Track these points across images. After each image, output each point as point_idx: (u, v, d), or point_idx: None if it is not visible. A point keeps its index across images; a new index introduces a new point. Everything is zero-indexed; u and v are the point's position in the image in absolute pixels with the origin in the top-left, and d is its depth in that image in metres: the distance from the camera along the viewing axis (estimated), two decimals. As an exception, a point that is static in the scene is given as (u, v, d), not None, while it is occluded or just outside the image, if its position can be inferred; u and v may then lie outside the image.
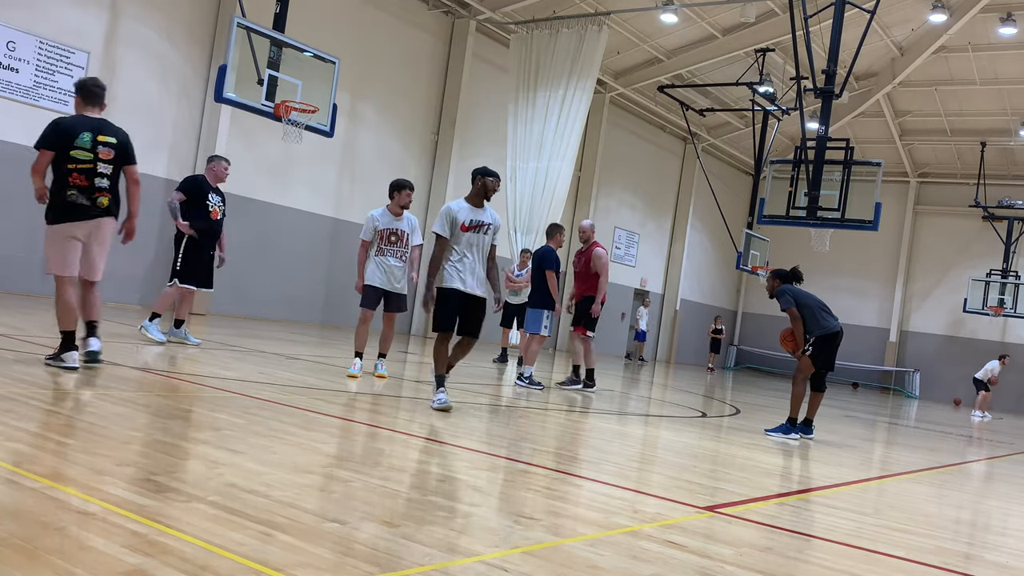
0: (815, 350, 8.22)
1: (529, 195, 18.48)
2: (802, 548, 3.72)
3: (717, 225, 28.40)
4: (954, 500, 6.32)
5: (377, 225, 8.25)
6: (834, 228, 16.40)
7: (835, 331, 8.30)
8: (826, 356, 8.32)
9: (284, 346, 11.02)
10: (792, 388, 8.36)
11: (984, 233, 28.40)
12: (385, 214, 8.33)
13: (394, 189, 8.42)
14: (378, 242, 8.25)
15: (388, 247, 8.25)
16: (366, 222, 8.36)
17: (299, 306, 17.47)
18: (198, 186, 8.96)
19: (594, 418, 7.90)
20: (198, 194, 8.89)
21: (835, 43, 14.46)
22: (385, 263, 8.21)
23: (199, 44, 15.29)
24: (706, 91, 25.13)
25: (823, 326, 8.23)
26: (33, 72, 13.13)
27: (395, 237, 8.26)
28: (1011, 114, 25.43)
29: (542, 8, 19.63)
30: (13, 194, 12.68)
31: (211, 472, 3.54)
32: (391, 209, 8.35)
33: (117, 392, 5.33)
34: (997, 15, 20.85)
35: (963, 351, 28.71)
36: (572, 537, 3.33)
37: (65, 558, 2.32)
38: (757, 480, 5.62)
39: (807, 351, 8.23)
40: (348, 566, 2.58)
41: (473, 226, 6.59)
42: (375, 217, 8.32)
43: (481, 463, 4.78)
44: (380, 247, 8.24)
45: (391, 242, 8.25)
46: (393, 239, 8.26)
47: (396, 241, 8.26)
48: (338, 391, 7.09)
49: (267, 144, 15.85)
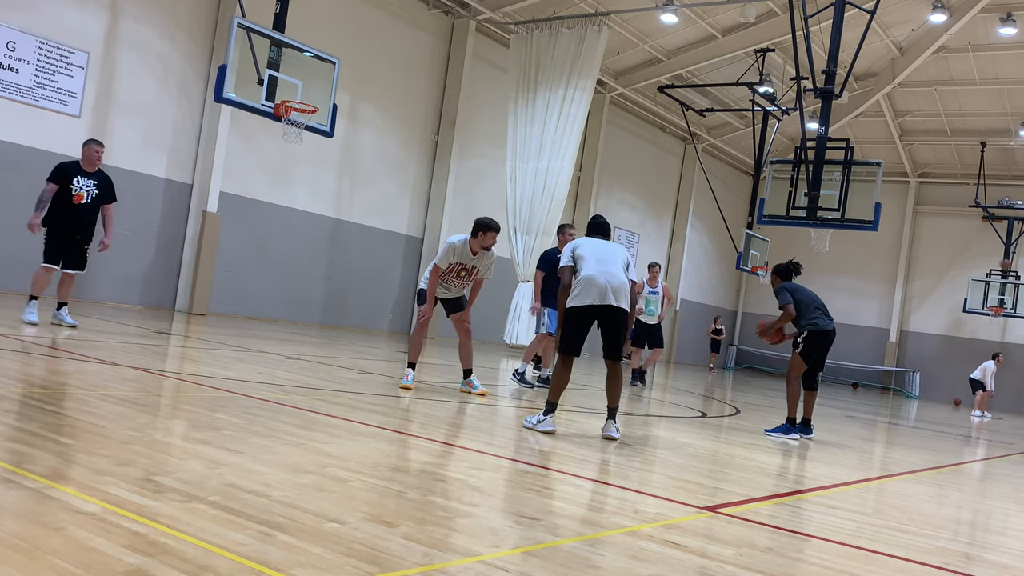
0: (806, 347, 8.26)
1: (529, 195, 18.47)
2: (802, 548, 3.71)
3: (717, 225, 28.41)
4: (954, 500, 6.32)
5: (453, 259, 7.83)
6: (834, 228, 16.39)
7: (827, 330, 8.34)
8: (817, 354, 8.35)
9: (284, 346, 11.02)
10: (787, 387, 8.40)
11: (984, 233, 28.40)
12: (465, 249, 7.82)
13: (480, 228, 7.78)
14: (446, 272, 7.92)
15: (455, 279, 8.01)
16: (444, 248, 7.86)
17: (299, 306, 17.47)
18: (64, 172, 8.99)
19: (594, 418, 7.90)
20: (63, 180, 8.95)
21: (835, 43, 14.46)
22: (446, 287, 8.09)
23: (199, 44, 15.29)
24: (706, 91, 25.13)
25: (815, 323, 8.28)
26: (33, 72, 13.13)
27: (464, 273, 7.96)
28: (1011, 114, 25.42)
29: (542, 8, 19.63)
30: (13, 194, 12.69)
31: (211, 472, 3.54)
32: (471, 245, 7.81)
33: (117, 392, 5.33)
34: (997, 15, 20.85)
35: (963, 351, 28.68)
36: (572, 537, 3.33)
37: (65, 558, 2.32)
38: (757, 480, 5.62)
39: (799, 348, 8.28)
40: (348, 566, 2.58)
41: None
42: (455, 248, 7.80)
43: (481, 463, 4.78)
44: (445, 276, 7.95)
45: (458, 275, 7.97)
46: (463, 274, 7.97)
47: (465, 276, 8.00)
48: (338, 391, 7.09)
49: (267, 144, 15.85)
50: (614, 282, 6.26)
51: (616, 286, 6.26)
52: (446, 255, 7.82)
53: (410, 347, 8.16)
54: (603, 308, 6.24)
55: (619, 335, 6.34)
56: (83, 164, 9.12)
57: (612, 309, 6.24)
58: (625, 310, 6.32)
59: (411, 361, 8.04)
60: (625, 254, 6.55)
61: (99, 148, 9.22)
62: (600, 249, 6.46)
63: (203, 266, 15.31)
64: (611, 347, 6.39)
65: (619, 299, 6.26)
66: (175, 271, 15.30)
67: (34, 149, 13.07)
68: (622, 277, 6.33)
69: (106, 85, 14.08)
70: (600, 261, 6.34)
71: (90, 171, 9.14)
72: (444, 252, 7.84)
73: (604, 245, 6.53)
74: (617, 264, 6.38)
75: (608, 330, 6.34)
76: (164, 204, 15.05)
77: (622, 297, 6.28)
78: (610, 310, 6.25)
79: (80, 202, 9.00)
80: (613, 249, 6.52)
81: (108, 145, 14.13)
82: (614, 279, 6.27)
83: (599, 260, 6.35)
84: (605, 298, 6.22)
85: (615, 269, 6.34)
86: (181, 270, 15.33)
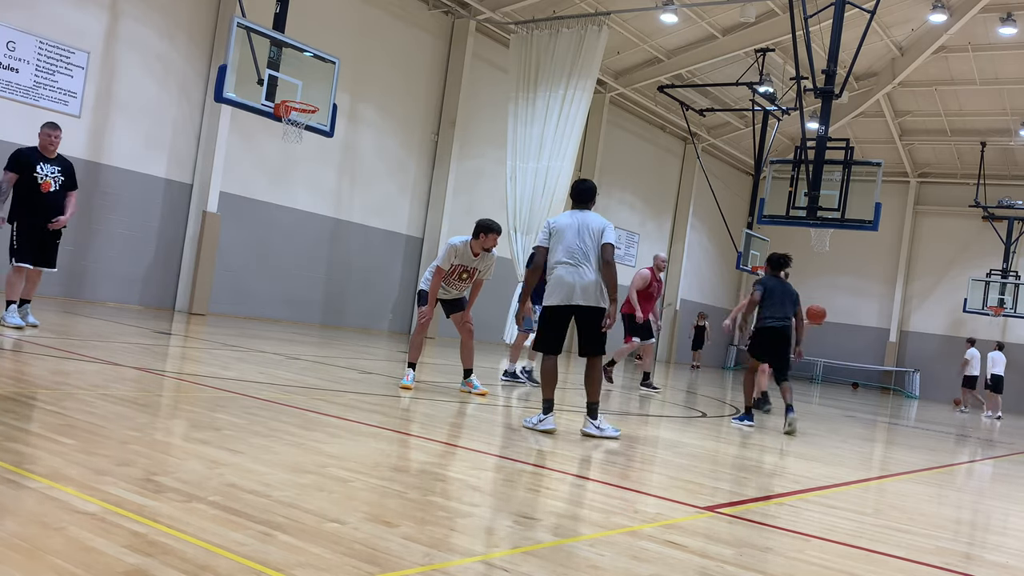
0: (752, 341, 8.93)
1: (529, 195, 18.46)
2: (802, 548, 3.71)
3: (717, 225, 28.40)
4: (954, 500, 6.32)
5: (454, 260, 7.85)
6: (834, 228, 16.39)
7: (768, 327, 8.77)
8: (762, 349, 8.85)
9: (284, 346, 11.02)
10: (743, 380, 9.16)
11: (984, 233, 28.40)
12: (467, 251, 7.85)
13: (481, 230, 7.81)
14: (447, 274, 7.93)
15: (458, 282, 8.02)
16: (446, 249, 7.87)
17: (299, 306, 17.47)
18: (25, 159, 8.39)
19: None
20: (26, 168, 8.36)
21: (835, 43, 14.46)
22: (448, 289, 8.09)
23: (199, 44, 15.29)
24: (706, 91, 25.13)
25: (763, 321, 8.79)
26: (33, 72, 13.13)
27: (466, 275, 7.98)
28: (1011, 114, 25.43)
29: (542, 8, 19.63)
30: (13, 194, 12.69)
31: (211, 472, 3.54)
32: (472, 247, 7.85)
33: (117, 392, 5.33)
34: (997, 15, 20.85)
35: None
36: (572, 537, 3.33)
37: (65, 558, 2.32)
38: (757, 480, 5.62)
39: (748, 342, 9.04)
40: (348, 566, 2.58)
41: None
42: (456, 249, 7.83)
43: (481, 463, 4.78)
44: (447, 278, 7.95)
45: (460, 278, 7.99)
46: (464, 276, 7.98)
47: (466, 279, 8.02)
48: (338, 391, 7.09)
49: (267, 144, 15.86)
50: (581, 280, 6.14)
51: (585, 284, 6.14)
52: (447, 256, 7.82)
53: (410, 347, 8.18)
54: (571, 307, 6.19)
55: (592, 332, 6.23)
56: (41, 150, 8.52)
57: (582, 308, 6.17)
58: (593, 307, 6.16)
59: (411, 361, 8.06)
60: (600, 224, 6.30)
61: (54, 132, 8.61)
62: (572, 231, 6.24)
63: (203, 266, 15.31)
64: (585, 344, 6.30)
65: (587, 297, 6.14)
66: (175, 271, 15.30)
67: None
68: (588, 273, 6.16)
69: (106, 85, 14.08)
70: (568, 251, 6.18)
71: (50, 157, 8.57)
72: (446, 253, 7.84)
73: (578, 222, 6.30)
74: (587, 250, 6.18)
75: (581, 327, 6.28)
76: (164, 204, 15.05)
77: (590, 294, 6.15)
78: (577, 308, 6.19)
79: (48, 190, 8.44)
80: (587, 224, 6.27)
81: (108, 145, 14.17)
82: (581, 276, 6.14)
83: (568, 250, 6.19)
84: (572, 298, 6.15)
85: (584, 261, 6.16)
86: (181, 270, 15.33)
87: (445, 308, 8.27)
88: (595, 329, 6.22)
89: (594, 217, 6.38)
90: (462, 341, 8.29)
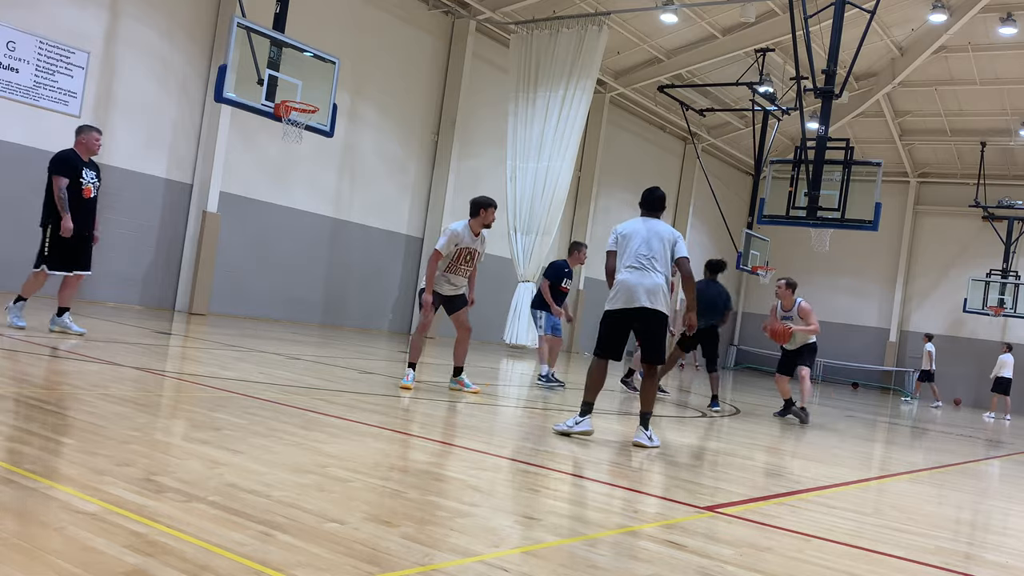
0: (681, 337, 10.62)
1: (529, 195, 18.48)
2: (802, 548, 3.71)
3: (717, 225, 28.39)
4: (954, 500, 6.32)
5: (459, 243, 7.81)
6: (834, 228, 16.40)
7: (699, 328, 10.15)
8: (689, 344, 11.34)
9: (284, 346, 11.02)
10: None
11: (984, 233, 28.39)
12: (467, 231, 7.86)
13: (481, 207, 7.86)
14: (453, 258, 7.87)
15: (463, 265, 7.96)
16: (447, 235, 7.82)
17: (299, 306, 17.47)
18: (73, 164, 8.09)
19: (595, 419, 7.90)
20: (72, 173, 8.07)
21: (835, 43, 14.46)
22: (452, 278, 8.00)
23: (199, 44, 15.29)
24: (706, 91, 25.12)
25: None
26: (33, 72, 13.12)
27: (470, 256, 7.95)
28: (1011, 114, 25.42)
29: (542, 8, 19.63)
30: (13, 194, 12.69)
31: (211, 472, 3.54)
32: (472, 226, 7.88)
33: (117, 392, 5.33)
34: (997, 15, 20.85)
35: (963, 351, 28.72)
36: (572, 537, 3.33)
37: (65, 558, 2.32)
38: (757, 480, 5.62)
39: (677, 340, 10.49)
40: (348, 566, 2.58)
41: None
42: (458, 233, 7.81)
43: (481, 463, 4.78)
44: (452, 264, 7.89)
45: (466, 261, 7.94)
46: (468, 258, 7.94)
47: (470, 261, 7.98)
48: (338, 391, 7.09)
49: (267, 144, 15.85)
50: (647, 282, 6.02)
51: (649, 287, 6.01)
52: (450, 241, 7.77)
53: (410, 348, 8.18)
54: (634, 311, 6.07)
55: (652, 338, 6.13)
56: (81, 153, 8.26)
57: (643, 311, 6.05)
58: (658, 312, 6.06)
59: (411, 362, 8.06)
60: (671, 233, 6.22)
61: (99, 135, 8.45)
62: (639, 237, 6.15)
63: (203, 266, 15.30)
64: (645, 350, 6.20)
65: (653, 300, 6.03)
66: (175, 271, 15.30)
67: (34, 149, 13.06)
68: (655, 277, 6.06)
69: (106, 85, 14.08)
70: (636, 256, 6.09)
71: (87, 161, 8.34)
72: (448, 239, 7.78)
73: (647, 229, 6.19)
74: (655, 255, 6.08)
75: (643, 332, 6.20)
76: (164, 204, 15.05)
77: (657, 298, 6.04)
78: (641, 312, 6.06)
79: (89, 196, 8.22)
80: (657, 232, 6.18)
81: (108, 145, 14.15)
82: (647, 279, 6.03)
83: (635, 255, 6.09)
84: (633, 300, 6.03)
85: (651, 265, 6.06)
86: (181, 270, 15.33)
87: (446, 307, 8.23)
88: (656, 336, 6.14)
89: (664, 226, 6.29)
90: (458, 338, 8.24)
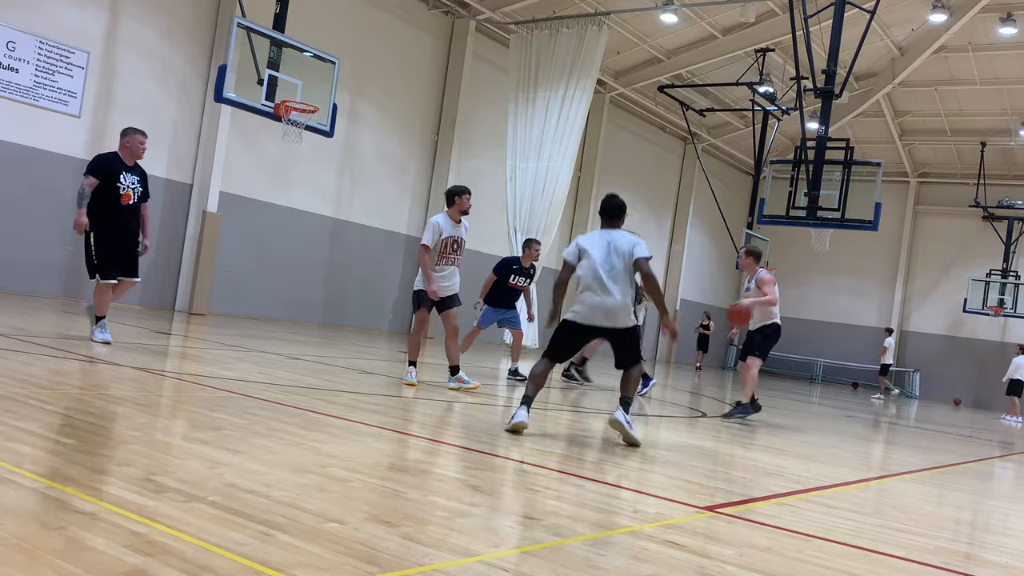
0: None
1: (529, 195, 18.48)
2: (802, 548, 3.71)
3: (717, 225, 28.40)
4: (954, 500, 6.32)
5: (442, 234, 7.87)
6: (834, 228, 16.41)
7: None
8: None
9: (284, 346, 11.02)
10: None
11: (984, 233, 28.40)
12: (447, 221, 7.93)
13: (455, 195, 7.99)
14: (440, 249, 7.90)
15: (452, 255, 7.99)
16: (430, 228, 7.88)
17: (299, 306, 17.47)
18: (109, 167, 7.86)
19: (594, 418, 7.90)
20: (109, 176, 7.83)
21: (835, 43, 14.46)
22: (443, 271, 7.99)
23: (199, 44, 15.29)
24: (706, 91, 25.13)
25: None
26: (33, 72, 13.13)
27: (456, 245, 7.98)
28: (1011, 114, 25.43)
29: (542, 8, 19.63)
30: (13, 194, 12.69)
31: (211, 472, 3.54)
32: (451, 215, 7.97)
33: (117, 392, 5.33)
34: (997, 15, 20.87)
35: (963, 351, 28.72)
36: (572, 537, 3.33)
37: (65, 558, 2.32)
38: (757, 480, 5.62)
39: None
40: (348, 566, 2.58)
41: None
42: (439, 225, 7.88)
43: (481, 463, 4.78)
44: (442, 254, 7.92)
45: (453, 250, 7.97)
46: (455, 247, 7.98)
47: (457, 249, 8.00)
48: (338, 391, 7.09)
49: (267, 144, 15.86)
50: (606, 305, 5.99)
51: (608, 309, 5.99)
52: (434, 233, 7.84)
53: (409, 347, 8.27)
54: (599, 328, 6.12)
55: (624, 348, 6.19)
56: (124, 157, 7.98)
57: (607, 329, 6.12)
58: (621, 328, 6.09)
59: (412, 359, 8.12)
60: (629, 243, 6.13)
61: (144, 138, 8.11)
62: (601, 254, 6.09)
63: (203, 266, 15.31)
64: (620, 359, 6.28)
65: (615, 321, 6.05)
66: (175, 271, 15.30)
67: (34, 149, 13.07)
68: (619, 297, 6.01)
69: (106, 85, 14.08)
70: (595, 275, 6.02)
71: (130, 165, 8.02)
72: (431, 231, 7.86)
73: (607, 244, 6.15)
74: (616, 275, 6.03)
75: (613, 345, 6.26)
76: (164, 204, 15.04)
77: (619, 317, 6.05)
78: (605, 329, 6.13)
79: (128, 203, 7.92)
80: (617, 247, 6.12)
81: (108, 145, 14.14)
82: (607, 302, 5.99)
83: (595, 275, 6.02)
84: (594, 320, 6.05)
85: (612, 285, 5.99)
86: (181, 270, 15.33)
87: (437, 305, 8.14)
88: (627, 345, 6.19)
89: (623, 237, 6.20)
90: (446, 337, 8.25)
